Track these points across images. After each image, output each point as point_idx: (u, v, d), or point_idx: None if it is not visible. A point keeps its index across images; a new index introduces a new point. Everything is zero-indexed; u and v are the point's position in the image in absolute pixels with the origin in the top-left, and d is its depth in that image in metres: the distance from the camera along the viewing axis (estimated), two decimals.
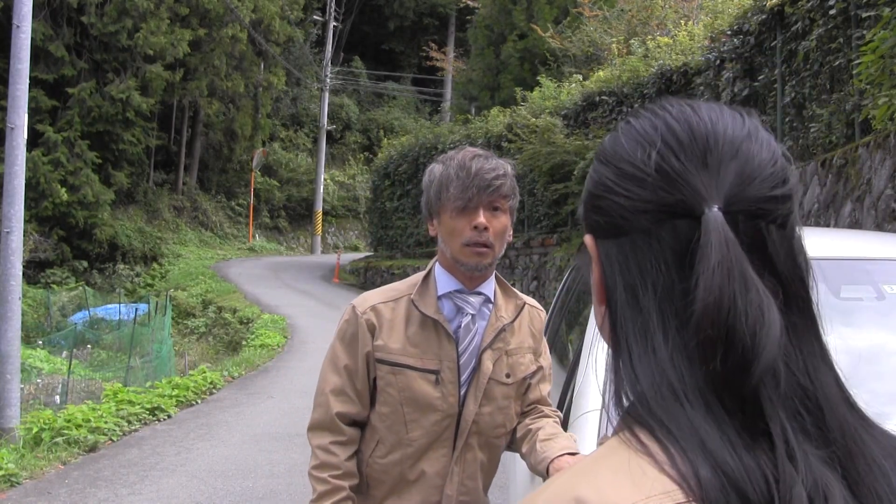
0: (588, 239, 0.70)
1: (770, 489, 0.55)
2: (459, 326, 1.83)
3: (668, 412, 0.58)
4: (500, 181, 1.77)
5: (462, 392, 1.83)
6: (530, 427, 1.86)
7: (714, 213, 0.61)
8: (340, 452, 1.82)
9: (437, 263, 1.88)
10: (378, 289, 1.96)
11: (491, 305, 1.86)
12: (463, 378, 1.83)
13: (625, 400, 0.63)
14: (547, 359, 1.97)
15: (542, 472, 1.71)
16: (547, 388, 1.97)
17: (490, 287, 1.87)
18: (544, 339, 1.98)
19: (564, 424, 1.96)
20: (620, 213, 0.65)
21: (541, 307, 1.99)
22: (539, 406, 1.93)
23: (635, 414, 0.60)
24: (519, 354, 1.88)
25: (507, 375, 1.86)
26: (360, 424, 1.88)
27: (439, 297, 1.84)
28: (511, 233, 1.85)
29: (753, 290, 0.59)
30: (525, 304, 1.91)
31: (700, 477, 0.55)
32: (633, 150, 0.65)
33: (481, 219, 1.75)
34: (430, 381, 1.81)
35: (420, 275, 1.90)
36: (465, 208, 1.76)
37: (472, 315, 1.84)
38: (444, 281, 1.85)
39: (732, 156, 0.63)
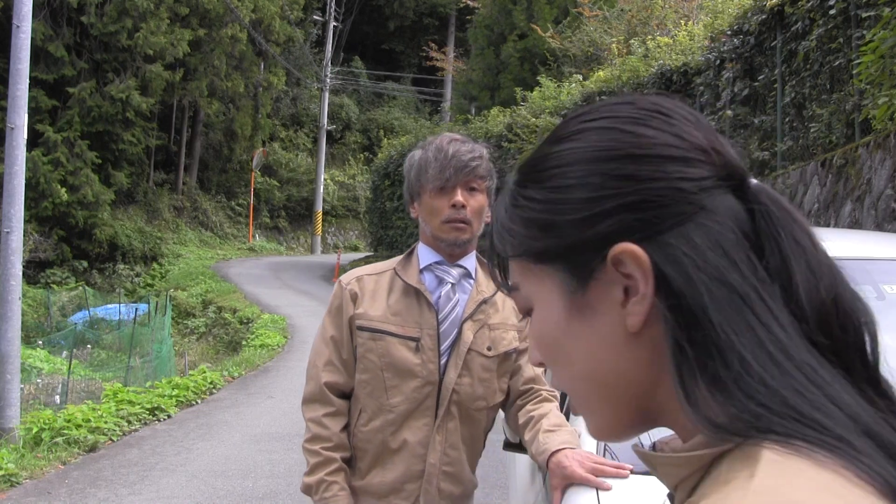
0: (627, 246, 0.56)
1: None
2: (440, 296, 1.90)
3: (824, 410, 0.50)
4: (476, 162, 1.86)
5: (443, 361, 1.88)
6: (532, 414, 1.88)
7: (758, 183, 0.58)
8: (332, 425, 1.88)
9: (419, 242, 1.97)
10: (367, 265, 2.07)
11: (472, 280, 1.94)
12: (444, 347, 1.88)
13: (722, 412, 0.52)
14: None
15: (543, 463, 1.73)
16: (534, 368, 1.98)
17: (471, 262, 1.95)
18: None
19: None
20: (676, 197, 0.56)
21: None
22: (535, 387, 1.96)
23: (777, 425, 0.50)
24: (502, 329, 1.93)
25: (489, 348, 1.91)
26: (349, 396, 1.94)
27: (421, 270, 1.92)
28: (489, 213, 1.89)
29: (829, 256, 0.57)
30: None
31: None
32: (654, 132, 0.58)
33: (459, 197, 1.84)
34: (410, 348, 1.87)
35: (402, 255, 1.99)
36: (444, 188, 1.85)
37: (453, 284, 1.91)
38: (426, 254, 1.93)
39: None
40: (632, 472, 1.60)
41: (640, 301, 0.56)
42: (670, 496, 0.60)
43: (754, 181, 0.58)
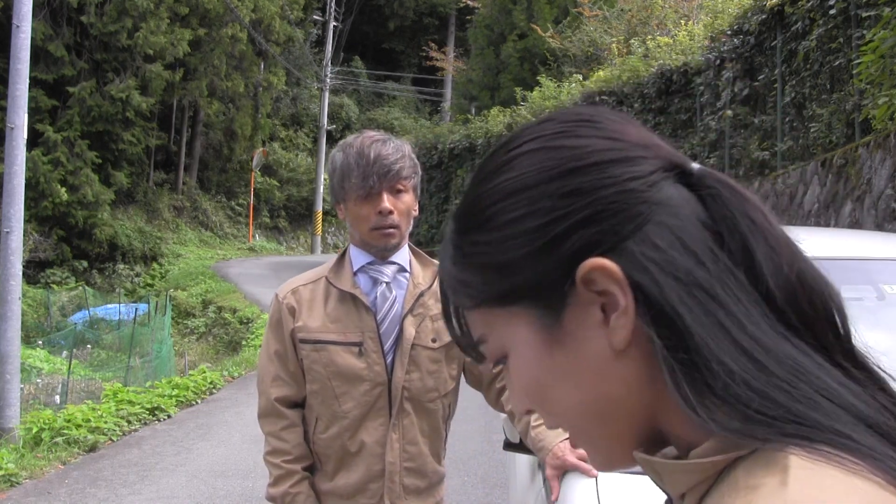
0: (596, 261, 0.53)
1: None
2: (376, 296, 1.90)
3: (823, 410, 0.49)
4: (400, 164, 1.82)
5: (389, 361, 1.88)
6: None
7: (700, 168, 0.56)
8: (289, 437, 1.90)
9: (350, 244, 1.96)
10: (301, 274, 2.02)
11: (407, 274, 1.93)
12: (387, 346, 1.88)
13: (729, 417, 0.50)
14: None
15: (542, 460, 1.73)
16: None
17: (404, 257, 1.95)
18: None
19: None
20: (628, 200, 0.53)
21: None
22: None
23: (789, 426, 0.49)
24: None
25: (434, 340, 1.91)
26: (302, 404, 1.95)
27: (355, 273, 1.91)
28: (416, 208, 1.91)
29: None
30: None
31: None
32: (584, 142, 0.56)
33: (385, 204, 1.82)
34: (353, 353, 1.87)
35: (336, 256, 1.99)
36: (369, 195, 1.82)
37: (388, 282, 1.90)
38: (357, 256, 1.93)
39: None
40: None
41: (623, 314, 0.53)
42: (668, 502, 0.58)
43: (696, 165, 0.56)
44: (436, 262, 1.94)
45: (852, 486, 0.46)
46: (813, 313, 0.53)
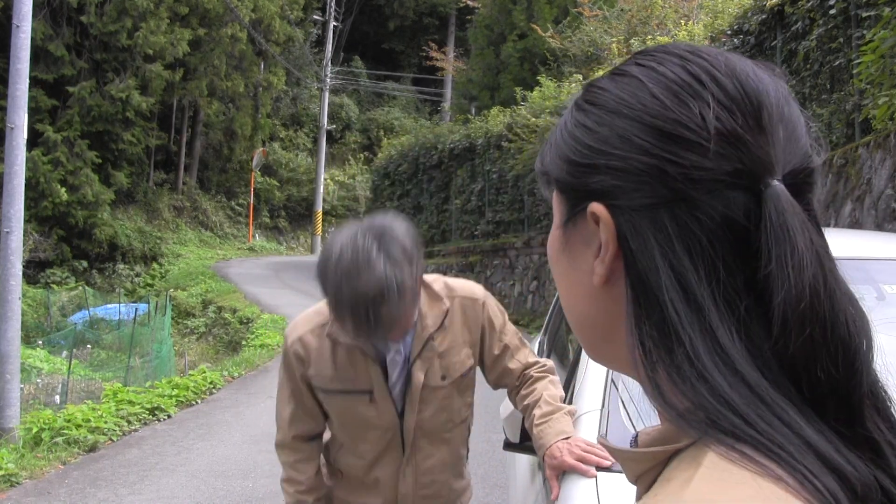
0: (599, 207, 0.56)
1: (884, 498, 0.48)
2: (385, 358, 1.85)
3: (765, 419, 0.48)
4: (396, 310, 1.59)
5: (399, 405, 1.88)
6: (527, 402, 1.90)
7: (780, 187, 0.52)
8: (304, 469, 1.94)
9: None
10: (308, 312, 1.93)
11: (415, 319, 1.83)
12: (396, 393, 1.87)
13: (678, 402, 0.51)
14: (509, 333, 1.97)
15: (542, 458, 1.76)
16: (525, 356, 1.97)
17: None
18: (497, 319, 1.95)
19: None
20: (659, 177, 0.53)
21: (479, 294, 1.95)
22: (528, 372, 1.96)
23: (723, 422, 0.49)
24: (453, 353, 1.89)
25: (443, 377, 1.88)
26: (320, 436, 1.98)
27: None
28: (419, 289, 1.74)
29: (843, 279, 0.52)
30: (448, 309, 1.88)
31: (836, 497, 0.46)
32: (674, 104, 0.54)
33: (407, 328, 1.74)
34: (363, 402, 1.86)
35: None
36: (378, 334, 1.67)
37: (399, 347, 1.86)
38: None
39: (780, 118, 0.54)
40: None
41: (601, 262, 0.57)
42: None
43: (776, 183, 0.52)
44: (444, 294, 1.89)
45: (754, 489, 0.46)
46: (827, 380, 0.50)
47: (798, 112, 0.56)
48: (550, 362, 2.02)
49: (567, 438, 1.72)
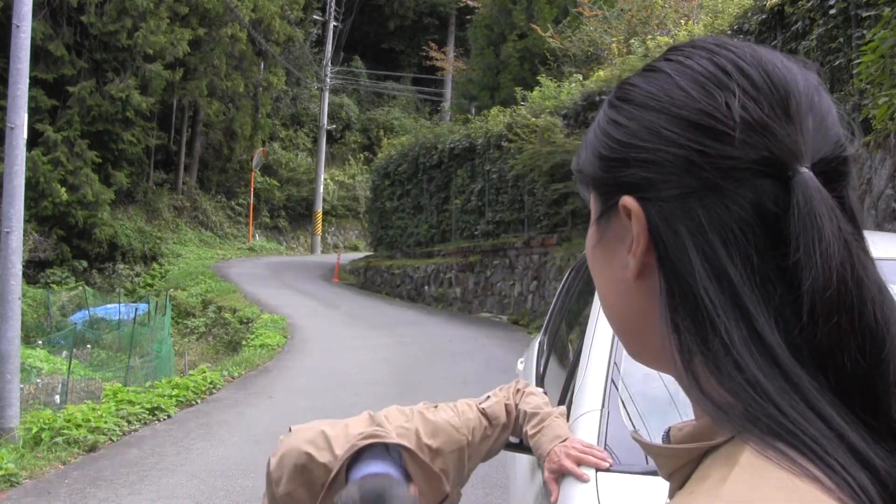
0: (629, 200, 0.56)
1: None
2: None
3: (799, 411, 0.49)
4: None
5: None
6: (521, 426, 1.87)
7: (808, 174, 0.52)
8: None
9: None
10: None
11: None
12: None
13: (716, 394, 0.52)
14: (467, 417, 1.85)
15: (541, 466, 1.75)
16: (470, 410, 1.86)
17: None
18: (456, 436, 1.82)
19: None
20: (687, 168, 0.54)
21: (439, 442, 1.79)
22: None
23: (759, 415, 0.49)
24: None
25: None
26: None
27: None
28: None
29: (871, 266, 0.53)
30: (448, 492, 1.78)
31: (867, 493, 0.46)
32: (701, 95, 0.55)
33: None
34: None
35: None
36: None
37: None
38: None
39: (809, 107, 0.54)
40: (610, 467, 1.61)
41: (633, 255, 0.57)
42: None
43: (804, 170, 0.52)
44: (440, 477, 1.77)
45: (791, 490, 0.46)
46: (853, 368, 0.50)
47: (829, 102, 0.57)
48: (511, 384, 1.95)
49: (564, 441, 1.71)
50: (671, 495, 0.57)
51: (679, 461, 0.56)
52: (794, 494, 0.45)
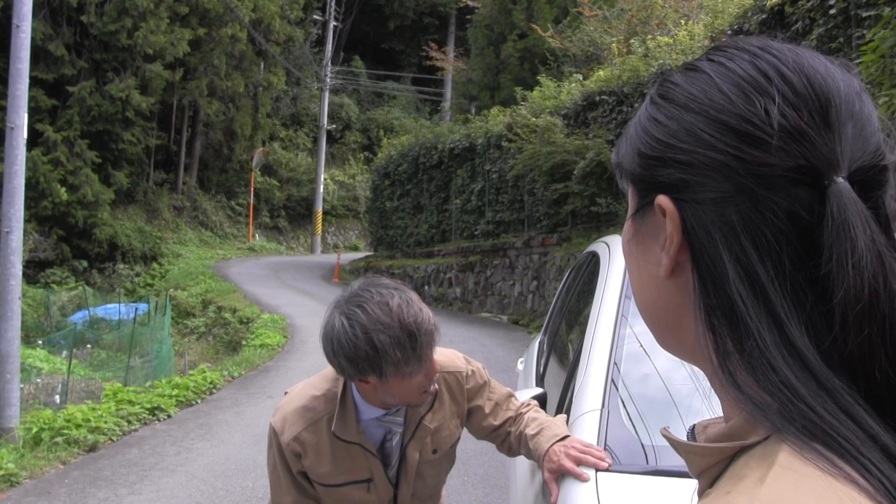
0: (665, 199, 0.57)
1: None
2: (384, 444, 1.87)
3: (832, 413, 0.49)
4: (435, 333, 1.68)
5: (394, 482, 1.90)
6: (519, 430, 1.94)
7: (843, 184, 0.52)
8: None
9: (354, 390, 1.83)
10: (296, 406, 1.87)
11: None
12: (392, 474, 1.89)
13: (754, 393, 0.52)
14: (497, 391, 2.01)
15: (540, 466, 1.76)
16: (513, 405, 2.01)
17: None
18: (482, 382, 1.99)
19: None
20: (724, 172, 0.54)
21: (462, 367, 1.96)
22: (520, 411, 2.00)
23: (795, 415, 0.49)
24: (443, 428, 1.92)
25: (435, 451, 1.92)
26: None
27: (360, 420, 1.83)
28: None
29: None
30: (437, 390, 1.87)
31: None
32: (741, 100, 0.55)
33: (431, 382, 1.74)
34: (362, 489, 1.87)
35: (337, 391, 1.85)
36: (419, 370, 1.69)
37: (399, 432, 1.87)
38: (365, 409, 1.83)
39: (849, 115, 0.54)
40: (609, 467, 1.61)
41: (666, 253, 0.58)
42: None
43: (840, 180, 0.52)
44: (440, 360, 1.85)
45: (829, 491, 0.46)
46: (885, 380, 0.50)
47: (871, 108, 0.56)
48: (535, 402, 2.04)
49: (563, 440, 1.71)
50: (701, 493, 0.57)
51: (711, 459, 0.56)
52: (832, 495, 0.46)
